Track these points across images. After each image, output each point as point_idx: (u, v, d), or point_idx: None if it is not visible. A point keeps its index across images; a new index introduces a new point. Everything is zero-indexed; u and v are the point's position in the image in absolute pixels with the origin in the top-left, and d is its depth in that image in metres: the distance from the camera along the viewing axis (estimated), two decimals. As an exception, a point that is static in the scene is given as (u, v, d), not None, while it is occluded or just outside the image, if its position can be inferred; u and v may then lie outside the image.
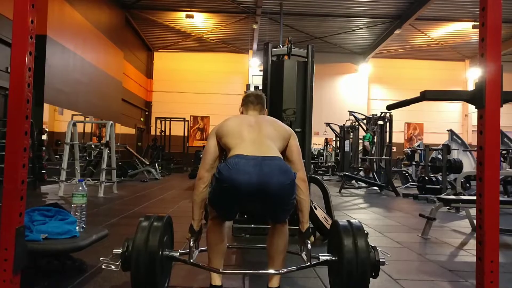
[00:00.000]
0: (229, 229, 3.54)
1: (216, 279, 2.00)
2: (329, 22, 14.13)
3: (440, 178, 7.71)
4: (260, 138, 1.92)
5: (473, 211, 4.18)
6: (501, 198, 4.16)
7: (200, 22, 14.49)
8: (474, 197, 2.95)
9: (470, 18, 13.17)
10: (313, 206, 3.63)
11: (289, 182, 1.81)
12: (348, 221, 1.98)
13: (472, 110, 16.54)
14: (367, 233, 1.93)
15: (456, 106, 18.30)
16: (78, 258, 2.45)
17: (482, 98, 1.42)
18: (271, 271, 1.99)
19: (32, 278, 2.18)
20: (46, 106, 8.39)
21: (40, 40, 7.80)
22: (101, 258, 1.98)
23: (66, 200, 5.78)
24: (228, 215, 2.03)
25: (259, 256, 2.88)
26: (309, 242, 1.99)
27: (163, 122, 15.83)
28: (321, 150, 17.07)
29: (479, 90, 1.44)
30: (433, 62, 17.91)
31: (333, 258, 1.94)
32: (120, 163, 9.89)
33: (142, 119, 17.27)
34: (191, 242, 2.00)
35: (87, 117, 10.54)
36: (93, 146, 9.10)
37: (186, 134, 16.31)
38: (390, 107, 1.97)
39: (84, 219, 2.53)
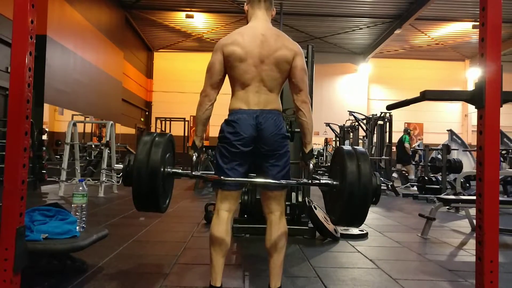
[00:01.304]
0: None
1: (216, 280, 1.99)
2: (329, 22, 14.13)
3: (440, 178, 7.71)
4: (262, 88, 1.92)
5: (472, 211, 4.18)
6: (500, 198, 4.17)
7: (200, 22, 14.49)
8: (474, 197, 2.95)
9: (470, 18, 13.17)
10: (313, 206, 3.64)
11: (279, 134, 1.90)
12: (352, 146, 1.97)
13: (472, 110, 16.54)
14: (370, 158, 1.91)
15: (456, 106, 18.29)
16: (79, 258, 2.45)
17: (482, 98, 1.43)
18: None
19: (32, 278, 2.18)
20: (46, 106, 8.39)
21: (40, 40, 7.79)
22: (103, 172, 1.96)
23: (66, 200, 5.78)
24: (235, 173, 1.93)
25: (259, 252, 2.88)
26: (311, 163, 1.99)
27: (163, 122, 15.83)
28: (321, 150, 17.06)
29: (479, 90, 1.44)
30: (433, 62, 17.90)
31: (335, 182, 1.93)
32: (120, 163, 9.87)
33: (142, 119, 17.27)
34: (194, 158, 2.01)
35: (87, 117, 10.54)
36: (93, 146, 9.10)
37: (186, 134, 16.29)
38: (390, 107, 1.97)
39: (84, 219, 2.53)
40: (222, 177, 1.92)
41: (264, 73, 1.92)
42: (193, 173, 1.99)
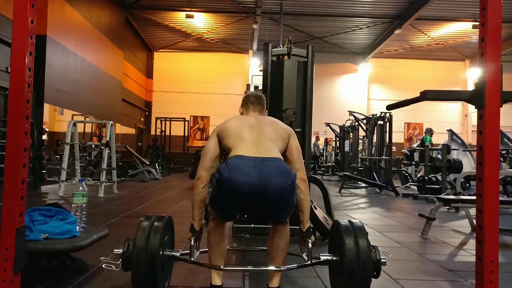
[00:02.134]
0: (229, 229, 3.54)
1: (217, 279, 2.00)
2: (329, 22, 14.13)
3: (440, 178, 7.71)
4: (261, 139, 1.93)
5: (472, 211, 4.18)
6: (500, 198, 4.17)
7: (200, 22, 14.49)
8: (474, 197, 2.95)
9: (470, 18, 13.17)
10: (313, 206, 3.63)
11: (289, 184, 1.82)
12: (349, 221, 1.98)
13: (472, 110, 16.54)
14: (367, 233, 1.93)
15: (456, 106, 18.29)
16: (79, 258, 2.45)
17: (482, 98, 1.43)
18: (272, 268, 1.99)
19: (32, 278, 2.18)
20: (46, 106, 8.39)
21: (40, 40, 7.80)
22: (102, 258, 1.98)
23: (66, 200, 5.78)
24: (228, 215, 2.03)
25: (259, 256, 2.88)
26: (309, 241, 2.00)
27: (163, 122, 15.83)
28: (321, 150, 17.06)
29: (479, 90, 1.44)
30: (433, 62, 17.90)
31: (334, 258, 1.95)
32: (120, 163, 9.89)
33: (142, 119, 17.27)
34: (192, 242, 2.01)
35: (87, 117, 10.54)
36: (93, 146, 9.11)
37: (186, 134, 16.30)
38: (390, 107, 1.97)
39: (84, 219, 2.53)
40: (219, 214, 1.99)
41: (263, 130, 1.97)
42: (192, 259, 1.99)
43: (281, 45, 4.46)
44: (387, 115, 9.45)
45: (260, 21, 13.48)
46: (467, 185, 7.87)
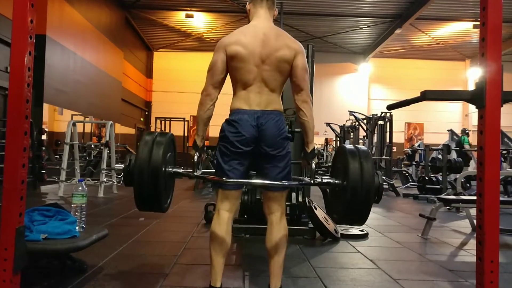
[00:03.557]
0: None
1: (216, 280, 1.98)
2: (329, 22, 14.13)
3: (440, 178, 7.71)
4: (263, 88, 1.92)
5: (473, 211, 4.18)
6: (501, 198, 4.16)
7: (200, 21, 14.48)
8: (474, 197, 2.95)
9: (471, 17, 13.16)
10: (313, 206, 3.63)
11: (280, 134, 1.91)
12: (354, 145, 1.97)
13: (472, 110, 16.54)
14: (372, 158, 1.91)
15: (456, 106, 18.28)
16: (78, 258, 2.45)
17: (482, 98, 1.42)
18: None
19: (32, 278, 2.18)
20: (45, 106, 8.38)
21: (39, 40, 7.79)
22: (103, 170, 1.96)
23: (66, 200, 5.78)
24: (236, 174, 1.93)
25: (259, 252, 2.88)
26: (313, 162, 1.99)
27: (163, 122, 15.83)
28: (321, 150, 17.06)
29: (479, 90, 1.44)
30: (434, 62, 17.90)
31: (337, 181, 1.93)
32: (120, 163, 9.88)
33: (142, 119, 17.26)
34: (195, 158, 2.01)
35: (87, 117, 10.53)
36: (93, 146, 9.09)
37: (186, 134, 16.29)
38: (390, 107, 1.97)
39: (84, 219, 2.53)
40: (223, 178, 1.91)
41: (266, 73, 1.92)
42: (194, 173, 1.98)
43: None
44: (388, 115, 9.45)
45: (260, 21, 13.46)
46: (468, 185, 7.86)
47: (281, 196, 2.01)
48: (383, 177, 1.89)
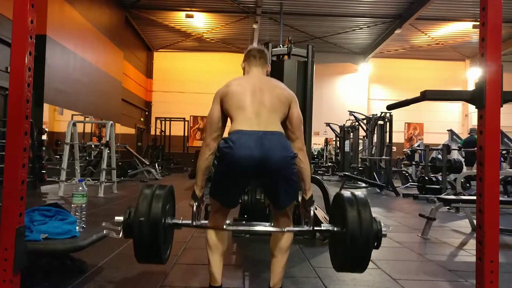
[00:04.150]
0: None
1: (216, 279, 1.99)
2: (329, 22, 14.12)
3: (440, 178, 7.71)
4: (262, 109, 1.90)
5: (473, 211, 4.18)
6: (501, 198, 4.16)
7: (200, 22, 14.48)
8: (474, 197, 2.95)
9: (471, 18, 13.16)
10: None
11: (289, 156, 1.83)
12: (352, 192, 1.98)
13: (472, 110, 16.54)
14: (369, 205, 1.92)
15: (456, 106, 18.29)
16: (78, 258, 2.45)
17: (482, 98, 1.42)
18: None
19: (32, 278, 2.18)
20: (46, 106, 8.38)
21: (40, 40, 7.79)
22: (103, 224, 1.96)
23: (66, 200, 5.78)
24: (232, 199, 2.00)
25: (259, 252, 2.88)
26: (311, 209, 1.99)
27: (163, 122, 15.83)
28: (321, 150, 17.07)
29: (479, 90, 1.44)
30: (433, 62, 17.90)
31: (336, 228, 1.93)
32: (120, 163, 9.88)
33: (142, 119, 17.26)
34: (194, 208, 2.00)
35: (87, 117, 10.53)
36: (93, 146, 9.10)
37: (186, 134, 16.30)
38: (390, 107, 1.97)
39: (84, 219, 2.53)
40: (219, 201, 1.98)
41: (264, 97, 1.94)
42: (194, 223, 1.99)
43: (281, 45, 4.45)
44: (387, 115, 9.45)
45: (260, 21, 13.47)
46: (467, 185, 7.86)
47: (289, 209, 2.02)
48: (381, 223, 1.89)
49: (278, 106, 1.94)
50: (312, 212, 1.98)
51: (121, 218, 1.87)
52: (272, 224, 2.07)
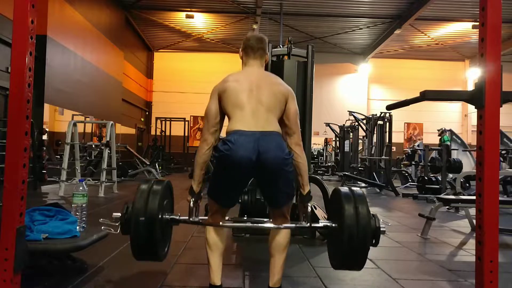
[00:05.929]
0: (229, 230, 3.54)
1: (215, 279, 2.00)
2: (329, 22, 14.13)
3: (439, 178, 7.71)
4: (259, 108, 1.90)
5: (472, 211, 4.18)
6: (500, 198, 4.17)
7: (200, 22, 14.49)
8: (474, 197, 2.95)
9: (470, 18, 13.17)
10: (312, 206, 3.63)
11: (285, 157, 1.83)
12: (349, 187, 1.97)
13: (472, 110, 16.53)
14: (367, 201, 1.91)
15: (455, 106, 18.30)
16: (79, 258, 2.45)
17: (481, 98, 1.43)
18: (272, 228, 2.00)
19: (33, 278, 2.18)
20: (46, 106, 8.38)
21: (40, 40, 7.79)
22: (101, 219, 1.96)
23: (66, 200, 5.78)
24: (229, 199, 2.00)
25: (259, 252, 2.88)
26: (309, 205, 1.98)
27: (163, 122, 15.84)
28: (321, 150, 17.07)
29: (478, 90, 1.44)
30: (433, 62, 17.90)
31: (333, 224, 1.92)
32: (120, 163, 9.89)
33: (142, 119, 17.27)
34: (191, 203, 2.01)
35: (88, 117, 10.53)
36: (93, 146, 9.09)
37: (186, 134, 16.30)
38: (389, 107, 1.97)
39: (84, 219, 2.53)
40: (217, 201, 1.98)
41: (261, 95, 1.93)
42: (191, 219, 1.99)
43: (281, 45, 4.45)
44: (387, 115, 9.45)
45: (260, 21, 13.47)
46: (467, 185, 7.87)
47: (286, 208, 2.03)
48: (380, 219, 1.87)
49: (275, 103, 1.94)
50: (309, 208, 1.97)
51: (119, 214, 1.87)
52: (269, 217, 2.07)
